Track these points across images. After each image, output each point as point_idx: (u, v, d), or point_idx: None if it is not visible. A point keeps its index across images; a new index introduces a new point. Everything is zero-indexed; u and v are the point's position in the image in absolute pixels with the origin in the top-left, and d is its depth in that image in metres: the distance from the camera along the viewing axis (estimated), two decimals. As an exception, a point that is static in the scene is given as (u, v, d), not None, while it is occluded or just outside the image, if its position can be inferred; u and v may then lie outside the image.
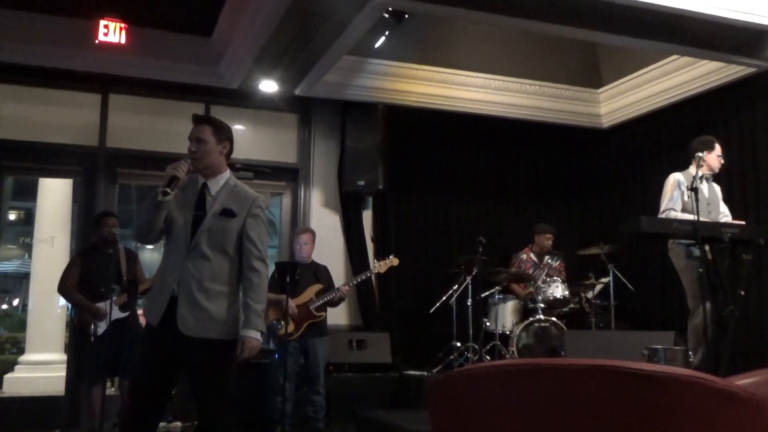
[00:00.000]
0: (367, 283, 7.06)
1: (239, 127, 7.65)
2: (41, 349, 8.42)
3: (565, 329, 6.49)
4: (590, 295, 6.88)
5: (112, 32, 6.43)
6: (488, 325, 6.82)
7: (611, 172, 8.23)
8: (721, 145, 5.52)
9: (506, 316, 6.90)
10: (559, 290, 6.81)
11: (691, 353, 4.90)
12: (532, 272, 7.31)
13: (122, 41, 6.46)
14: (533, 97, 7.90)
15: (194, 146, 3.33)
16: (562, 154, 8.52)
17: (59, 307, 8.55)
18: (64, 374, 6.64)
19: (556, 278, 7.00)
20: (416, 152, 7.83)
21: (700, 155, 5.20)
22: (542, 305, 6.70)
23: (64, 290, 5.64)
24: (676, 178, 5.37)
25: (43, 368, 8.10)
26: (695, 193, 4.64)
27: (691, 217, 4.84)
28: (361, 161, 7.28)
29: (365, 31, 5.89)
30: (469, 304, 6.61)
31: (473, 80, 7.65)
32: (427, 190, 7.92)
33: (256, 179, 7.45)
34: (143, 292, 5.49)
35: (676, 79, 7.18)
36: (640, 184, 7.65)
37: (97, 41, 6.42)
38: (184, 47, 6.89)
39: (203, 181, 3.37)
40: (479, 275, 6.61)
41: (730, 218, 5.54)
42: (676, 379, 1.43)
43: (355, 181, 7.30)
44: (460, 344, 6.63)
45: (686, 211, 5.21)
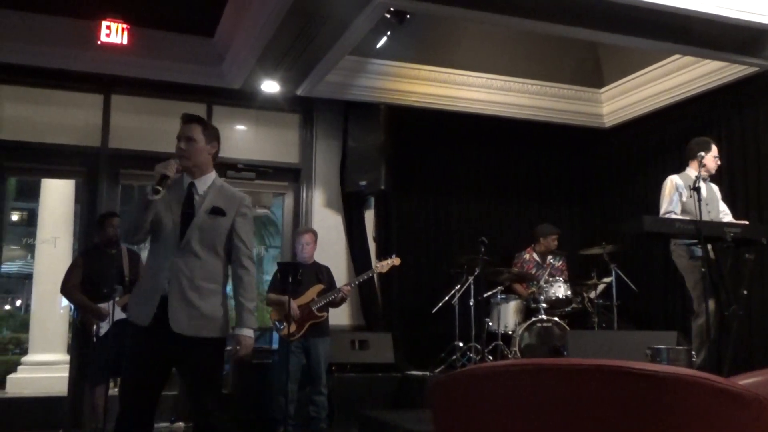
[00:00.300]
0: (369, 283, 7.06)
1: (241, 127, 7.66)
2: (44, 349, 8.44)
3: (567, 329, 6.48)
4: (593, 294, 6.87)
5: (114, 33, 6.44)
6: (491, 325, 6.81)
7: (613, 171, 8.22)
8: (717, 146, 5.53)
9: (509, 316, 6.90)
10: (561, 290, 6.80)
11: (694, 353, 4.90)
12: (535, 272, 7.30)
13: (124, 42, 6.47)
14: (535, 96, 7.90)
15: (184, 144, 3.35)
16: (564, 153, 8.52)
17: (62, 307, 8.57)
18: (66, 375, 6.64)
19: (558, 278, 7.00)
20: (418, 152, 7.83)
21: (702, 155, 5.20)
22: (545, 305, 6.69)
23: (66, 291, 5.64)
24: (673, 181, 5.37)
25: (45, 369, 8.11)
26: (697, 192, 4.64)
27: (691, 217, 4.85)
28: (363, 161, 7.28)
29: (367, 31, 5.89)
30: (471, 304, 6.59)
31: (475, 80, 7.65)
32: (429, 190, 7.91)
33: (258, 179, 7.49)
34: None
35: (678, 78, 7.17)
36: (642, 183, 7.64)
37: (99, 42, 6.43)
38: (186, 48, 6.89)
39: (190, 180, 3.39)
40: (481, 275, 6.61)
41: (730, 217, 5.54)
42: (678, 379, 1.43)
43: (357, 181, 7.30)
44: (462, 344, 6.62)
45: (686, 212, 5.21)
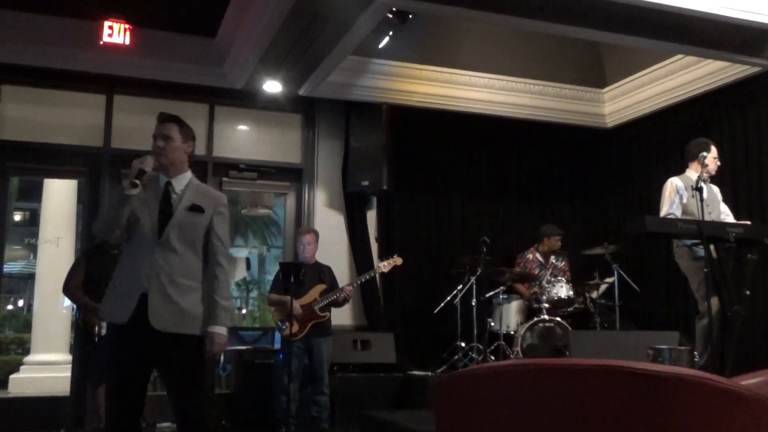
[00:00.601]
0: (371, 283, 7.06)
1: (243, 127, 7.66)
2: (46, 349, 8.45)
3: (569, 329, 6.48)
4: (595, 295, 6.87)
5: (116, 33, 6.44)
6: (492, 325, 6.81)
7: (615, 171, 8.21)
8: (718, 146, 5.53)
9: (511, 316, 6.89)
10: (563, 290, 6.80)
11: (696, 353, 4.90)
12: (537, 272, 7.31)
13: (127, 42, 6.47)
14: (537, 96, 7.89)
15: (160, 142, 3.37)
16: (566, 153, 8.51)
17: (64, 307, 8.58)
18: (69, 375, 6.65)
19: (560, 278, 6.99)
20: (420, 152, 7.83)
21: (704, 155, 5.20)
22: (547, 305, 6.69)
23: (68, 291, 5.64)
24: (674, 183, 5.36)
25: (48, 369, 8.12)
26: (700, 192, 4.64)
27: (693, 219, 4.84)
28: (365, 161, 7.28)
29: (369, 31, 5.89)
30: (473, 304, 6.59)
31: (477, 80, 7.64)
32: (431, 190, 7.91)
33: (260, 179, 7.50)
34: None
35: (680, 78, 7.16)
36: (644, 183, 7.62)
37: (101, 42, 6.43)
38: (188, 48, 6.90)
39: (167, 179, 3.40)
40: (483, 275, 6.60)
41: (731, 218, 5.53)
42: (680, 379, 1.42)
43: (359, 181, 7.30)
44: (464, 344, 6.62)
45: (687, 214, 5.20)
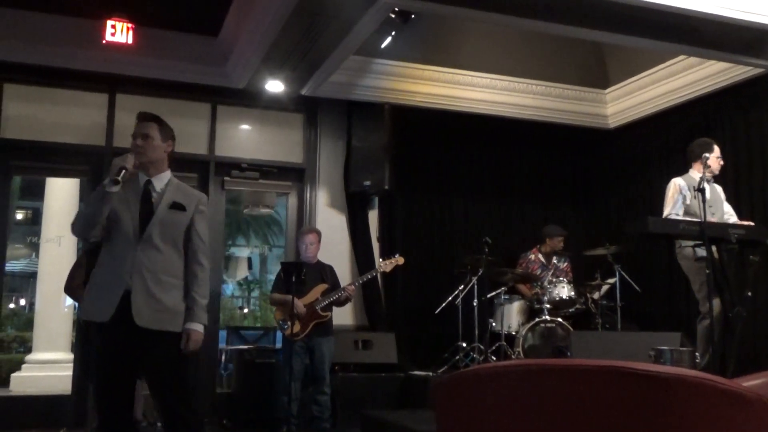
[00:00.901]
0: (372, 283, 7.06)
1: (245, 127, 7.66)
2: (48, 348, 8.46)
3: (571, 330, 6.47)
4: (596, 295, 6.86)
5: (119, 32, 6.44)
6: (494, 325, 6.81)
7: (617, 172, 8.20)
8: (721, 147, 5.52)
9: (512, 316, 6.89)
10: (565, 291, 6.80)
11: (698, 354, 4.89)
12: (539, 273, 7.30)
13: (129, 41, 6.47)
14: (539, 97, 7.89)
15: (140, 141, 3.40)
16: (568, 154, 8.51)
17: (66, 306, 8.59)
18: (70, 373, 6.66)
19: (562, 279, 6.99)
20: (422, 152, 7.83)
21: (707, 156, 5.19)
22: (548, 306, 6.68)
23: (70, 290, 5.63)
24: (677, 183, 5.36)
25: (49, 367, 8.13)
26: (702, 193, 4.63)
27: (695, 220, 4.83)
28: (367, 161, 7.28)
29: (371, 31, 5.89)
30: (474, 304, 6.59)
31: (479, 80, 7.64)
32: (432, 190, 7.91)
33: (262, 179, 7.51)
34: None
35: (683, 79, 7.15)
36: (646, 184, 7.62)
37: (104, 41, 6.44)
38: (190, 47, 6.90)
39: (147, 178, 3.42)
40: (485, 275, 6.60)
41: (735, 218, 5.53)
42: (682, 380, 1.42)
43: (361, 181, 7.30)
44: (465, 344, 6.62)
45: (690, 214, 5.20)
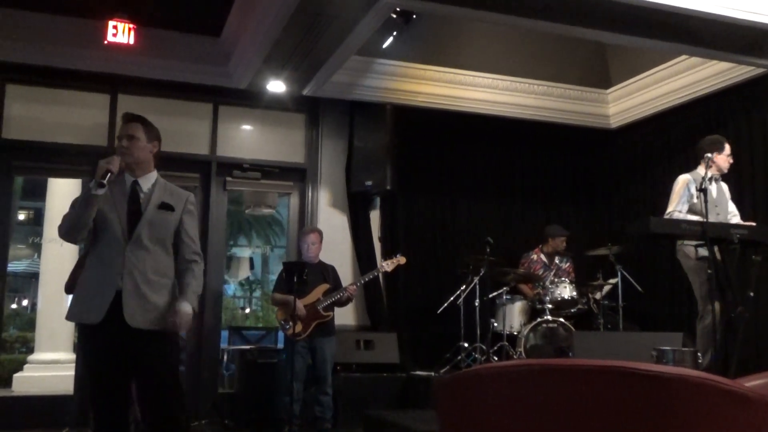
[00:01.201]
0: (374, 283, 7.07)
1: (247, 127, 7.66)
2: (50, 348, 8.47)
3: (573, 330, 6.47)
4: (598, 295, 6.86)
5: (121, 33, 6.44)
6: (496, 325, 6.81)
7: (620, 172, 8.20)
8: (730, 144, 5.50)
9: (514, 316, 6.89)
10: (567, 291, 6.80)
11: (700, 354, 4.88)
12: (541, 273, 7.30)
13: (131, 42, 6.47)
14: (541, 97, 7.89)
15: (126, 142, 3.41)
16: (570, 154, 8.49)
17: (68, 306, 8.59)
18: (72, 373, 6.66)
19: (564, 279, 6.99)
20: (424, 152, 7.83)
21: (709, 156, 5.16)
22: (550, 306, 6.68)
23: (72, 290, 5.64)
24: (685, 179, 5.34)
25: (52, 367, 8.14)
26: (704, 193, 4.62)
27: (698, 218, 4.82)
28: (368, 161, 7.28)
29: (373, 31, 5.89)
30: (476, 304, 6.58)
31: (481, 80, 7.64)
32: (434, 190, 7.91)
33: (263, 179, 7.51)
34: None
35: (685, 79, 7.15)
36: (648, 184, 7.61)
37: (106, 42, 6.43)
38: (192, 47, 6.90)
39: (133, 179, 3.43)
40: (487, 275, 6.60)
41: (738, 218, 5.52)
42: (684, 380, 1.42)
43: (362, 181, 7.30)
44: (467, 345, 6.62)
45: (694, 212, 5.18)
